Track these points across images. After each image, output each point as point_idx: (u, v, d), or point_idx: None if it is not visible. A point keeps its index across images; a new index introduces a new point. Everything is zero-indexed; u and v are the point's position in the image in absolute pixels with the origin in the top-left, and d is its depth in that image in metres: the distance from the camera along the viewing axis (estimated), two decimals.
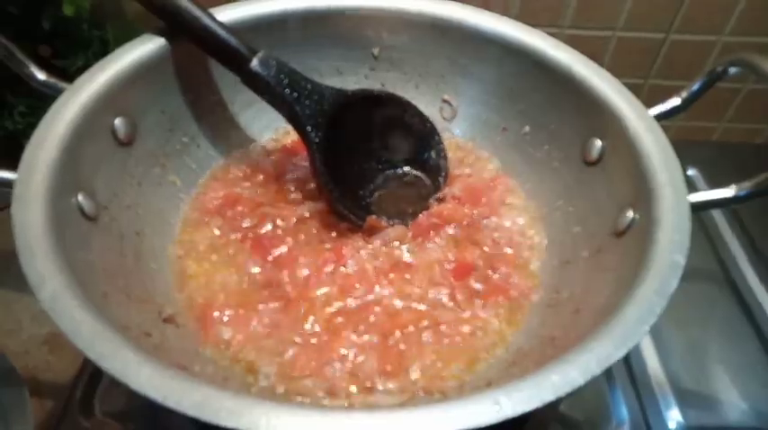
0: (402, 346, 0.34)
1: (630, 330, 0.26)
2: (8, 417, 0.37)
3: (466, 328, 0.35)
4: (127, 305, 0.31)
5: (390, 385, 0.32)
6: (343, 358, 0.33)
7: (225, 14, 0.40)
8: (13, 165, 0.31)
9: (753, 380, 0.44)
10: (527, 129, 0.44)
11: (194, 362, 0.31)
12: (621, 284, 0.30)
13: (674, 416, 0.42)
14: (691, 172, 0.58)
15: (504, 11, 0.44)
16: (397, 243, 0.39)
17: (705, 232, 0.54)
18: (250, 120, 0.46)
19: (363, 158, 0.43)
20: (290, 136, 0.46)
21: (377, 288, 0.37)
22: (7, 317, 0.44)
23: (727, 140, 0.73)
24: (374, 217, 0.40)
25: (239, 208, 0.41)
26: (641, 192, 0.33)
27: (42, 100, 0.35)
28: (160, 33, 0.38)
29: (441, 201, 0.42)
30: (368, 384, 0.32)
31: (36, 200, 0.29)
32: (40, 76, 0.37)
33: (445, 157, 0.44)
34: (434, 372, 0.33)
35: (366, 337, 0.34)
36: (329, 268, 0.37)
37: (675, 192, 0.32)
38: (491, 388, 0.24)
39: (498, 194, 0.43)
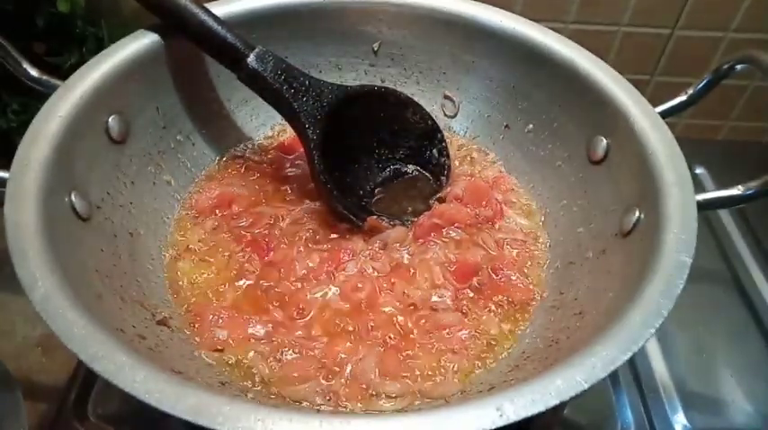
0: (402, 350, 0.33)
1: (636, 333, 0.26)
2: (2, 420, 0.36)
3: (468, 331, 0.34)
4: (121, 306, 0.31)
5: (390, 390, 0.32)
6: (342, 362, 0.32)
7: (220, 9, 0.39)
8: (6, 164, 0.30)
9: (759, 383, 0.43)
10: (530, 127, 0.43)
11: (189, 365, 0.30)
12: (626, 285, 0.29)
13: (679, 419, 0.41)
14: (698, 170, 0.58)
15: (508, 6, 0.43)
16: (397, 244, 0.39)
17: (711, 232, 0.53)
18: (246, 118, 0.45)
19: (363, 156, 0.42)
20: (288, 133, 0.46)
21: (377, 291, 0.36)
22: (0, 318, 0.43)
23: (733, 138, 0.72)
24: (374, 217, 0.39)
25: (235, 207, 0.40)
26: (647, 191, 0.32)
27: (36, 98, 0.35)
28: (155, 29, 0.38)
29: (442, 201, 0.42)
30: (367, 389, 0.32)
31: (29, 199, 0.29)
32: (33, 72, 0.37)
33: (448, 155, 0.43)
34: (436, 377, 0.33)
35: (366, 341, 0.33)
36: (328, 270, 0.37)
37: (682, 192, 0.31)
38: (493, 392, 0.24)
39: (501, 194, 0.42)
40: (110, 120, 0.35)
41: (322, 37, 0.44)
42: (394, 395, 0.31)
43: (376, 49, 0.45)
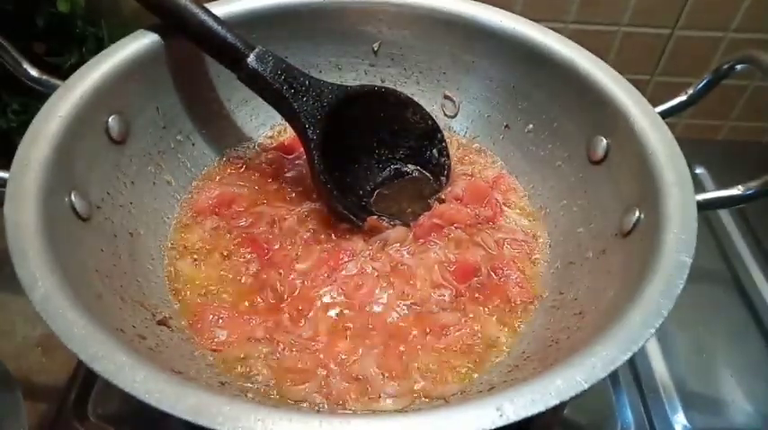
0: (402, 350, 0.33)
1: (636, 333, 0.26)
2: (2, 420, 0.36)
3: (467, 331, 0.34)
4: (121, 306, 0.31)
5: (391, 390, 0.32)
6: (342, 362, 0.32)
7: (220, 9, 0.39)
8: (6, 164, 0.30)
9: (759, 383, 0.43)
10: (530, 127, 0.43)
11: (189, 365, 0.30)
12: (626, 285, 0.30)
13: (679, 419, 0.41)
14: (698, 170, 0.58)
15: (508, 6, 0.43)
16: (397, 244, 0.39)
17: (711, 232, 0.53)
18: (246, 118, 0.45)
19: (363, 156, 0.42)
20: (288, 133, 0.46)
21: (377, 290, 0.36)
22: (0, 318, 0.44)
23: (733, 138, 0.72)
24: (374, 217, 0.39)
25: (235, 207, 0.40)
26: (647, 191, 0.32)
27: (36, 98, 0.35)
28: (155, 29, 0.38)
29: (442, 201, 0.42)
30: (367, 389, 0.32)
31: (29, 199, 0.29)
32: (33, 72, 0.37)
33: (447, 156, 0.43)
34: (435, 377, 0.33)
35: (365, 341, 0.33)
36: (328, 270, 0.37)
37: (682, 192, 0.31)
38: (493, 392, 0.24)
39: (501, 194, 0.42)
40: (110, 120, 0.35)
41: (322, 37, 0.44)
42: (394, 395, 0.31)
43: (376, 49, 0.45)
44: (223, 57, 0.37)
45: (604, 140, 0.38)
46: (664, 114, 0.37)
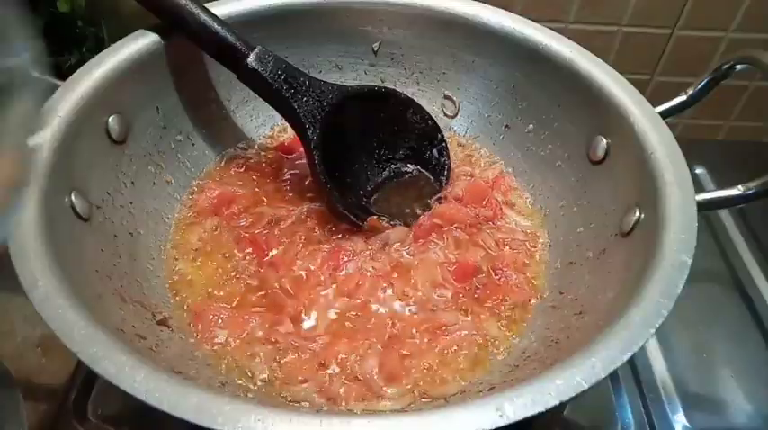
0: (403, 350, 0.33)
1: (636, 333, 0.26)
2: (2, 420, 0.36)
3: (467, 331, 0.34)
4: (121, 306, 0.31)
5: (391, 390, 0.32)
6: (342, 362, 0.32)
7: (221, 9, 0.39)
8: None
9: (759, 383, 0.43)
10: (531, 127, 0.43)
11: (189, 365, 0.30)
12: (627, 285, 0.30)
13: (680, 419, 0.41)
14: (698, 170, 0.58)
15: (508, 6, 0.43)
16: (397, 244, 0.39)
17: (711, 232, 0.53)
18: (246, 118, 0.45)
19: (363, 157, 0.42)
20: (288, 133, 0.46)
21: (377, 290, 0.36)
22: (0, 318, 0.43)
23: (733, 138, 0.72)
24: (375, 217, 0.39)
25: (235, 207, 0.40)
26: (647, 191, 0.33)
27: None
28: (155, 29, 0.38)
29: (442, 201, 0.42)
30: (367, 389, 0.32)
31: (29, 199, 0.29)
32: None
33: (448, 156, 0.43)
34: (435, 377, 0.33)
35: (366, 341, 0.33)
36: (328, 270, 0.37)
37: (682, 192, 0.31)
38: (493, 392, 0.24)
39: (501, 194, 0.43)
40: (110, 120, 0.35)
41: (322, 37, 0.44)
42: (394, 395, 0.31)
43: (376, 49, 0.45)
44: (223, 57, 0.37)
45: (604, 140, 0.38)
46: (664, 114, 0.37)
